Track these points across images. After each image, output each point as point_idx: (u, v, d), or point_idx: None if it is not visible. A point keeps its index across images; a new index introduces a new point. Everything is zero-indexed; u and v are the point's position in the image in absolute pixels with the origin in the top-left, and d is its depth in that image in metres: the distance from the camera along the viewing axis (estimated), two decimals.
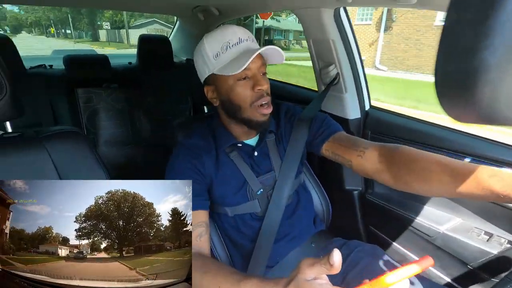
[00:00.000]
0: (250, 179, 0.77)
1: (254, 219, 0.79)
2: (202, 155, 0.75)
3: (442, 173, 0.54)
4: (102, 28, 30.75)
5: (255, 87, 0.69)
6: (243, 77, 0.69)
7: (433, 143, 0.91)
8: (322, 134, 0.79)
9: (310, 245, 0.81)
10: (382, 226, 1.08)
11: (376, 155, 0.67)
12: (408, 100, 5.88)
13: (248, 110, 0.71)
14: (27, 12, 43.80)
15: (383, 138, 1.05)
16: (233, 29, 0.70)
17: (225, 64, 0.69)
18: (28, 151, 0.64)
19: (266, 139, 0.81)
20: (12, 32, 39.03)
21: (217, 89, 0.73)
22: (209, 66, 0.71)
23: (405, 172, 0.61)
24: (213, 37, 0.70)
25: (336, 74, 1.09)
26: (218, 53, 0.69)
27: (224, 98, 0.73)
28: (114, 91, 1.51)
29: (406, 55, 10.79)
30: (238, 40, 0.69)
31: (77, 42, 28.60)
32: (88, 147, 0.72)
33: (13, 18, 46.74)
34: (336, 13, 1.01)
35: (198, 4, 1.50)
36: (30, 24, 44.81)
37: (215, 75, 0.71)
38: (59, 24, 39.84)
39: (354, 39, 1.09)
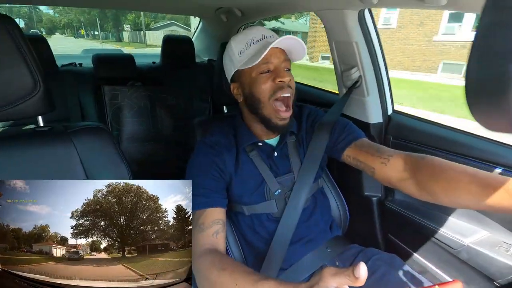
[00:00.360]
0: (268, 179, 0.77)
1: (270, 220, 0.78)
2: (223, 152, 0.76)
3: (470, 184, 0.52)
4: (125, 30, 33.97)
5: (276, 79, 0.70)
6: (266, 71, 0.71)
7: (461, 151, 0.87)
8: (344, 139, 0.78)
9: (326, 249, 0.80)
10: (401, 235, 1.04)
11: (401, 164, 0.66)
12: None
13: (267, 106, 0.72)
14: (61, 15, 47.23)
15: (406, 143, 1.02)
16: (257, 28, 0.74)
17: (248, 58, 0.72)
18: (57, 144, 0.68)
19: (287, 140, 0.81)
20: (47, 33, 42.23)
21: (241, 84, 0.76)
22: (234, 63, 0.74)
23: (431, 182, 0.59)
24: (239, 37, 0.74)
25: (358, 77, 1.06)
26: (243, 50, 0.72)
27: (246, 92, 0.75)
28: (138, 89, 1.56)
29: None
30: (262, 36, 0.72)
31: (103, 42, 31.10)
32: (112, 143, 0.74)
33: (48, 20, 50.37)
34: (361, 15, 0.99)
35: (221, 5, 1.52)
36: (63, 26, 48.12)
37: (239, 71, 0.74)
38: (88, 26, 43.28)
39: (379, 41, 1.06)
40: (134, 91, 1.55)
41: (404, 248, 1.02)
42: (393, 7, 1.09)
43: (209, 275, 0.57)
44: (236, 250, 0.84)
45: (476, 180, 0.52)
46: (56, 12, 47.30)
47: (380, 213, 1.09)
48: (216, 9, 1.61)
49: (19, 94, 0.61)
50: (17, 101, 0.61)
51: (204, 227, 0.67)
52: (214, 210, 0.70)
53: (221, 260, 0.59)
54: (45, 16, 50.36)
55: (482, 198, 0.50)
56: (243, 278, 0.52)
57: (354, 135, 0.79)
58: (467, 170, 0.55)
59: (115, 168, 0.73)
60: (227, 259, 0.61)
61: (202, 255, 0.62)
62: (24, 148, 0.64)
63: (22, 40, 0.59)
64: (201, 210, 0.69)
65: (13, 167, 0.63)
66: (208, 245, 0.64)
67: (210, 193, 0.71)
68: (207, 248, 0.64)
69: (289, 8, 1.26)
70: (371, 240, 1.11)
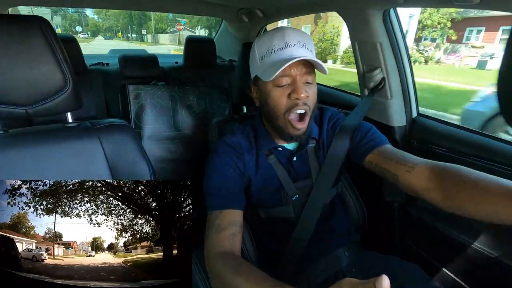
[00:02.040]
0: (286, 184, 0.76)
1: (286, 223, 0.77)
2: (244, 154, 0.75)
3: (501, 196, 0.48)
4: (144, 34, 45.27)
5: (291, 95, 0.67)
6: (282, 84, 0.67)
7: (491, 157, 0.82)
8: (366, 145, 0.75)
9: (343, 254, 0.78)
10: (424, 244, 0.99)
11: (427, 172, 0.62)
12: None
13: (281, 118, 0.69)
14: (104, 20, 54.88)
15: (430, 148, 0.97)
16: (282, 32, 0.67)
17: (264, 69, 0.68)
18: (84, 140, 0.71)
19: (307, 145, 0.79)
20: (91, 35, 48.99)
21: (260, 90, 0.74)
22: (255, 67, 0.72)
23: (457, 193, 0.56)
24: (262, 40, 0.70)
25: (382, 78, 1.03)
26: (263, 56, 0.69)
27: (262, 101, 0.73)
28: (161, 88, 1.60)
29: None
30: (285, 44, 0.67)
31: (131, 42, 39.05)
32: (135, 140, 0.77)
33: (93, 24, 57.39)
34: (385, 15, 0.96)
35: (243, 6, 1.53)
36: (105, 30, 54.52)
37: (258, 77, 0.72)
38: (124, 30, 50.86)
39: (404, 42, 1.03)
40: (157, 90, 1.59)
41: (426, 257, 0.97)
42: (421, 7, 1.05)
43: (224, 278, 0.57)
44: (251, 250, 0.84)
45: (507, 191, 0.48)
46: (100, 18, 55.09)
47: (401, 220, 1.05)
48: (238, 10, 1.62)
49: (50, 91, 0.64)
50: (48, 98, 0.65)
51: (221, 229, 0.66)
52: (232, 212, 0.69)
53: (237, 263, 0.59)
54: (90, 21, 57.12)
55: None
56: (259, 283, 0.52)
57: (376, 140, 0.75)
58: (498, 181, 0.51)
59: (137, 164, 0.76)
60: (244, 263, 0.60)
61: (218, 256, 0.62)
62: (52, 143, 0.68)
63: (55, 40, 0.63)
64: (217, 211, 0.69)
65: (42, 161, 0.66)
66: (224, 247, 0.64)
67: (229, 194, 0.70)
68: (223, 251, 0.63)
69: (311, 8, 1.24)
70: (391, 247, 1.07)
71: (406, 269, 0.73)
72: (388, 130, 1.05)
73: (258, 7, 1.47)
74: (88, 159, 0.70)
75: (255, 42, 0.72)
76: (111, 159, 0.72)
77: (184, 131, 1.63)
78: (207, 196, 0.72)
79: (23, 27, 0.60)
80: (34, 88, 0.63)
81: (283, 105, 0.68)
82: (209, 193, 0.72)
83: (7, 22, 0.59)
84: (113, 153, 0.73)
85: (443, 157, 0.92)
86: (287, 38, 0.67)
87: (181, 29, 29.39)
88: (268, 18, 1.57)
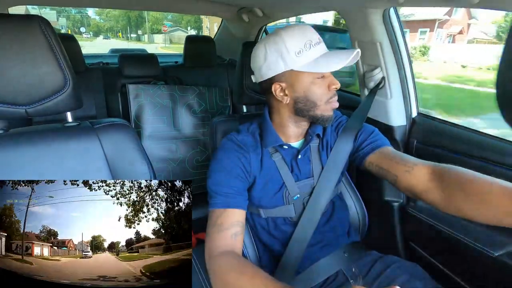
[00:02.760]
0: (289, 183, 0.76)
1: (287, 223, 0.78)
2: (250, 152, 0.75)
3: (501, 198, 0.48)
4: (141, 34, 48.73)
5: (330, 86, 0.70)
6: (321, 76, 0.70)
7: (491, 157, 0.82)
8: (367, 146, 0.75)
9: (343, 254, 0.78)
10: (423, 243, 0.99)
11: (427, 173, 0.62)
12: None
13: (323, 106, 0.71)
14: (105, 21, 58.06)
15: (430, 148, 0.97)
16: (310, 28, 0.71)
17: (309, 62, 0.68)
18: (83, 139, 0.71)
19: (311, 144, 0.79)
20: (93, 35, 51.35)
21: (291, 85, 0.71)
22: (287, 62, 0.68)
23: (457, 195, 0.55)
24: (293, 34, 0.68)
25: (382, 78, 1.03)
26: (301, 50, 0.68)
27: (299, 95, 0.71)
28: (161, 88, 1.60)
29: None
30: (318, 40, 0.70)
31: (130, 41, 40.70)
32: (135, 139, 0.77)
33: (95, 25, 60.10)
34: (385, 14, 0.96)
35: (243, 5, 1.53)
36: (106, 30, 57.39)
37: (293, 72, 0.69)
38: (123, 30, 53.38)
39: (404, 41, 1.02)
40: (157, 89, 1.59)
41: (426, 257, 0.97)
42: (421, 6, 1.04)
43: (226, 277, 0.57)
44: (252, 250, 0.84)
45: (508, 193, 0.48)
46: (101, 19, 59.05)
47: (401, 220, 1.05)
48: (238, 9, 1.62)
49: (49, 90, 0.64)
50: (48, 97, 0.65)
51: (223, 228, 0.66)
52: (235, 211, 0.69)
53: (240, 263, 0.58)
54: (92, 21, 60.35)
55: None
56: (265, 284, 0.51)
57: (378, 142, 0.76)
58: (498, 183, 0.51)
59: (137, 164, 0.76)
60: (246, 263, 0.60)
61: (219, 256, 0.62)
62: (52, 142, 0.68)
63: (55, 39, 0.63)
64: (220, 209, 0.68)
65: (41, 160, 0.66)
66: (226, 246, 0.64)
67: (232, 193, 0.70)
68: (225, 250, 0.63)
69: (311, 7, 1.24)
70: (391, 247, 1.07)
71: (406, 269, 0.73)
72: (388, 130, 1.05)
73: (258, 6, 1.47)
74: (88, 158, 0.70)
75: (283, 37, 0.68)
76: (111, 159, 0.72)
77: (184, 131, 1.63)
78: (210, 193, 0.72)
79: (23, 26, 0.60)
80: (33, 88, 0.63)
81: (325, 95, 0.70)
82: (212, 190, 0.71)
83: (7, 22, 0.59)
84: (112, 152, 0.73)
85: (443, 156, 0.92)
86: (315, 34, 0.71)
87: (166, 30, 35.83)
88: (268, 18, 1.57)
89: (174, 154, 1.60)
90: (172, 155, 1.60)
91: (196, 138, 1.65)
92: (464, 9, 8.79)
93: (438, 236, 0.91)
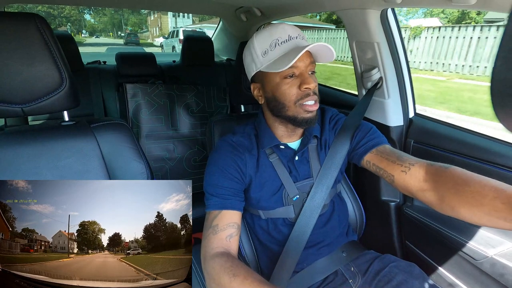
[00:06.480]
0: (287, 184, 0.75)
1: (286, 224, 0.77)
2: (245, 153, 0.74)
3: (495, 199, 0.48)
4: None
5: (301, 86, 0.67)
6: (290, 75, 0.67)
7: (486, 157, 0.82)
8: (365, 144, 0.75)
9: (341, 253, 0.79)
10: (420, 243, 1.00)
11: (423, 173, 0.62)
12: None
13: (292, 108, 0.69)
14: (99, 22, 61.79)
15: (427, 148, 0.98)
16: (282, 26, 0.69)
17: (272, 61, 0.68)
18: (80, 138, 0.70)
19: (309, 144, 0.78)
20: (89, 35, 55.37)
21: (263, 86, 0.72)
22: (256, 63, 0.70)
23: (452, 196, 0.55)
24: (263, 35, 0.69)
25: (379, 78, 1.03)
26: (267, 50, 0.68)
27: (269, 96, 0.71)
28: (158, 87, 1.59)
29: None
30: (288, 37, 0.68)
31: (115, 38, 44.64)
32: (132, 139, 0.76)
33: (90, 26, 64.54)
34: (383, 14, 0.96)
35: (241, 5, 1.53)
36: (100, 30, 61.36)
37: (262, 72, 0.70)
38: (114, 30, 56.56)
39: (401, 42, 1.03)
40: (154, 89, 1.58)
41: (423, 256, 0.98)
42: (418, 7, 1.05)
43: (220, 279, 0.57)
44: (250, 250, 0.84)
45: (502, 195, 0.48)
46: (96, 21, 63.93)
47: (398, 219, 1.06)
48: (236, 8, 1.62)
49: (46, 89, 0.64)
50: (45, 96, 0.64)
51: (218, 229, 0.66)
52: (230, 213, 0.69)
53: (233, 265, 0.58)
54: (88, 22, 65.52)
55: (508, 216, 0.46)
56: (255, 286, 0.52)
57: (376, 140, 0.76)
58: (493, 184, 0.50)
59: (134, 163, 0.75)
60: (240, 264, 0.60)
61: (214, 257, 0.62)
62: (49, 141, 0.67)
63: (51, 37, 0.62)
64: (216, 211, 0.68)
65: (38, 159, 0.66)
66: (221, 248, 0.64)
67: (228, 194, 0.70)
68: (219, 251, 0.63)
69: (309, 7, 1.24)
70: (388, 247, 1.08)
71: (403, 268, 0.73)
72: (385, 130, 1.05)
73: (256, 6, 1.47)
74: (85, 158, 0.70)
75: (253, 39, 0.70)
76: (108, 158, 0.72)
77: (181, 130, 1.62)
78: (206, 195, 0.72)
79: (19, 24, 0.59)
80: (30, 86, 0.62)
81: (294, 96, 0.68)
82: (208, 192, 0.71)
83: (3, 19, 0.58)
84: (109, 152, 0.72)
85: (439, 157, 0.92)
86: (289, 31, 0.68)
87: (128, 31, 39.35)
88: (266, 17, 1.56)
89: (171, 154, 1.60)
90: (169, 154, 1.59)
91: (194, 137, 1.64)
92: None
93: (435, 236, 0.92)
